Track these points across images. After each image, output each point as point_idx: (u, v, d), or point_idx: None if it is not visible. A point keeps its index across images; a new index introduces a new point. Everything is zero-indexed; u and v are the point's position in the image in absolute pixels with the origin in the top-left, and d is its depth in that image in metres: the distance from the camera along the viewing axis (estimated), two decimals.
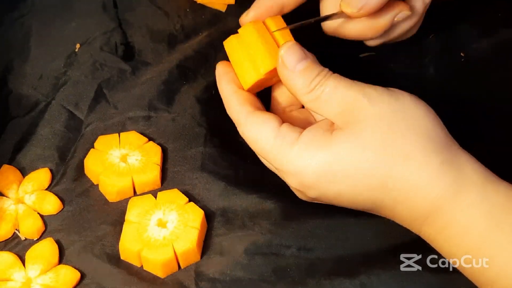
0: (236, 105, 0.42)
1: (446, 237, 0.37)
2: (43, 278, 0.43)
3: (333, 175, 0.38)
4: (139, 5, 0.59)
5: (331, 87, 0.39)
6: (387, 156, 0.37)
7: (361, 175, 0.38)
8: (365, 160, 0.37)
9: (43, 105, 0.53)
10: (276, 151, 0.39)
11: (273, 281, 0.43)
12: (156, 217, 0.45)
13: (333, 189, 0.39)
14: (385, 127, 0.38)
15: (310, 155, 0.38)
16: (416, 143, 0.37)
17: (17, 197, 0.47)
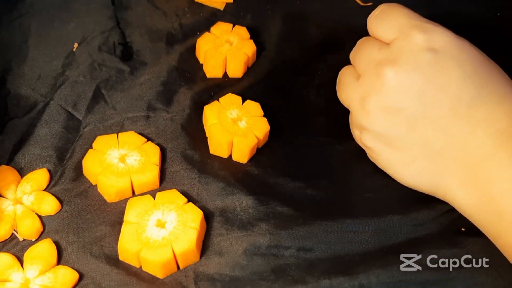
0: None
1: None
2: (42, 278, 0.43)
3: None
4: (137, 5, 0.59)
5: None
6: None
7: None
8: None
9: (41, 106, 0.52)
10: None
11: (272, 281, 0.43)
12: (155, 217, 0.45)
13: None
14: (475, 59, 0.42)
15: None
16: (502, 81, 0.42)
17: (15, 198, 0.47)
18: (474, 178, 0.40)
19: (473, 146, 0.40)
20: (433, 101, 0.40)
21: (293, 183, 0.48)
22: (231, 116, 0.50)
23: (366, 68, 0.43)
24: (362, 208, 0.46)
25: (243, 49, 0.55)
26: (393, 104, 0.41)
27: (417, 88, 0.40)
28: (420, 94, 0.40)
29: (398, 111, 0.41)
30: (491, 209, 0.39)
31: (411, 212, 0.46)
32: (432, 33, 0.41)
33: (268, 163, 0.49)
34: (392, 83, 0.40)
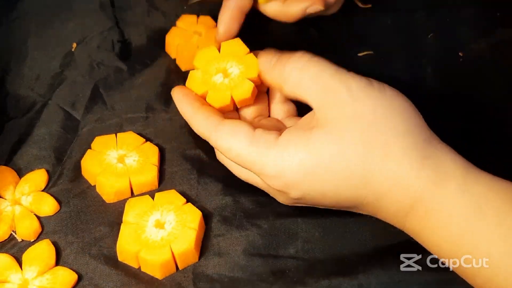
0: (202, 119, 0.43)
1: (429, 229, 0.38)
2: (40, 279, 0.43)
3: (316, 173, 0.38)
4: (136, 5, 0.59)
5: (315, 71, 0.41)
6: (367, 153, 0.38)
7: (344, 172, 0.38)
8: (346, 158, 0.38)
9: (39, 106, 0.52)
10: (254, 155, 0.40)
11: (271, 281, 0.43)
12: (154, 218, 0.45)
13: (317, 187, 0.39)
14: (365, 124, 0.38)
15: (291, 153, 0.39)
16: (395, 139, 0.38)
17: (14, 199, 0.47)
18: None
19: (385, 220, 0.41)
20: (323, 204, 0.42)
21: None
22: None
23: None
24: None
25: (213, 37, 0.55)
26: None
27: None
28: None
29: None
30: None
31: None
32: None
33: None
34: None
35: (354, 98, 0.39)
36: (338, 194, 0.39)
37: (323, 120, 0.39)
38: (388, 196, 0.38)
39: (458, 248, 0.37)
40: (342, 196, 0.39)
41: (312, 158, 0.38)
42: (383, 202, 0.39)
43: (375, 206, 0.39)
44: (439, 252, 0.39)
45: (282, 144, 0.39)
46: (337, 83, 0.39)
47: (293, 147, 0.39)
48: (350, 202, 0.40)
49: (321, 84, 0.40)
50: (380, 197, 0.38)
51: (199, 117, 0.43)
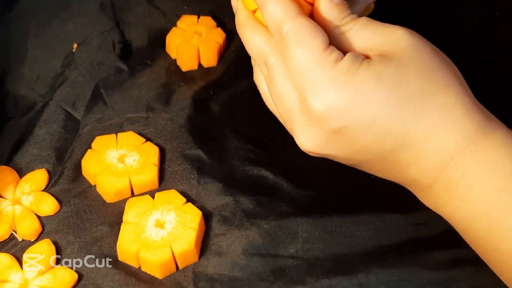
0: (283, 2, 0.38)
1: (468, 183, 0.36)
2: (41, 279, 0.43)
3: (372, 98, 0.35)
4: (136, 5, 0.59)
5: (364, 22, 0.38)
6: (426, 83, 0.36)
7: (400, 101, 0.36)
8: (405, 85, 0.36)
9: (40, 106, 0.52)
10: (319, 62, 0.36)
11: (271, 281, 0.43)
12: (154, 217, 0.45)
13: (368, 115, 0.36)
14: (426, 55, 0.37)
15: (351, 75, 0.36)
16: (452, 77, 0.37)
17: (14, 198, 0.47)
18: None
19: (410, 181, 0.38)
20: (354, 148, 0.38)
21: (292, 182, 0.48)
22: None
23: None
24: (361, 207, 0.46)
25: (213, 38, 0.55)
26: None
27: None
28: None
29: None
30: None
31: (411, 212, 0.46)
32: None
33: (267, 163, 0.49)
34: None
35: (411, 34, 0.37)
36: (389, 126, 0.36)
37: (383, 54, 0.37)
38: (437, 136, 0.36)
39: (494, 205, 0.35)
40: (392, 129, 0.36)
41: (372, 82, 0.36)
42: (429, 143, 0.36)
43: (418, 150, 0.36)
44: (469, 213, 0.36)
45: (346, 64, 0.36)
46: (389, 26, 0.38)
47: (355, 69, 0.36)
48: (396, 139, 0.36)
49: (372, 28, 0.38)
50: (428, 137, 0.36)
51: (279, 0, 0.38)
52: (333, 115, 0.36)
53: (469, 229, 0.37)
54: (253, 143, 0.50)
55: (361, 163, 0.38)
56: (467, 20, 0.58)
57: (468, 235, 0.37)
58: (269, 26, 0.39)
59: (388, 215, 0.46)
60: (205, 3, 0.60)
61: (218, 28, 0.57)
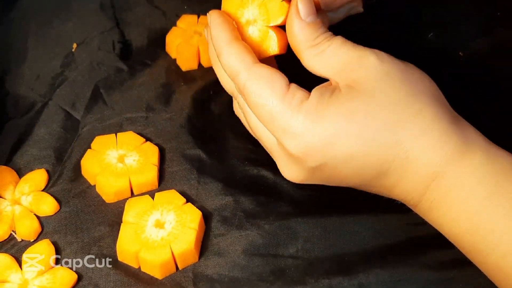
0: (238, 52, 0.38)
1: (449, 203, 0.36)
2: (40, 279, 0.43)
3: (345, 134, 0.36)
4: (136, 5, 0.59)
5: (337, 44, 0.38)
6: (399, 112, 0.36)
7: (375, 132, 0.36)
8: (378, 116, 0.36)
9: (39, 106, 0.52)
10: (284, 110, 0.37)
11: (271, 281, 0.43)
12: (154, 218, 0.45)
13: (344, 151, 0.36)
14: (397, 83, 0.37)
15: (321, 113, 0.36)
16: (426, 101, 0.37)
17: (14, 198, 0.47)
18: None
19: (398, 199, 0.39)
20: (338, 179, 0.39)
21: (292, 182, 0.48)
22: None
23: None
24: (361, 207, 0.46)
25: None
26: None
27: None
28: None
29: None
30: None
31: (411, 212, 0.46)
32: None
33: (267, 163, 0.49)
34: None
35: (382, 61, 0.37)
36: (366, 159, 0.36)
37: (349, 81, 0.37)
38: (416, 161, 0.36)
39: (476, 223, 0.35)
40: (370, 161, 0.36)
41: (344, 117, 0.36)
42: (409, 168, 0.36)
43: (399, 175, 0.37)
44: (453, 230, 0.37)
45: (312, 102, 0.37)
46: (362, 50, 0.38)
47: (323, 106, 0.36)
48: (375, 169, 0.37)
49: (344, 51, 0.38)
50: (408, 162, 0.36)
51: (234, 49, 0.38)
52: (309, 155, 0.37)
53: (457, 244, 0.38)
54: (253, 143, 0.50)
55: (350, 186, 0.39)
56: (467, 20, 0.58)
57: (460, 249, 0.38)
58: (228, 75, 0.39)
59: (388, 215, 0.46)
60: (205, 3, 0.59)
61: None
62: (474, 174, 0.36)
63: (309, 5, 0.39)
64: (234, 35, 0.39)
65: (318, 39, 0.38)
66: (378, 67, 0.37)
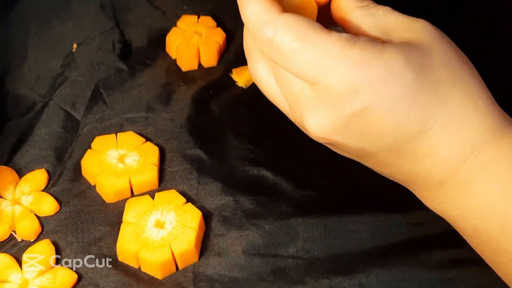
0: (261, 1, 0.34)
1: (484, 179, 0.34)
2: (40, 279, 0.43)
3: (400, 76, 0.33)
4: (136, 5, 0.59)
5: (387, 9, 0.37)
6: (452, 72, 0.35)
7: (427, 84, 0.34)
8: (432, 71, 0.34)
9: (40, 106, 0.52)
10: (332, 45, 0.33)
11: (271, 281, 0.43)
12: (154, 218, 0.45)
13: (392, 95, 0.33)
14: (450, 46, 0.36)
15: (379, 50, 0.33)
16: (474, 70, 0.36)
17: (14, 198, 0.47)
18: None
19: (421, 177, 0.36)
20: (372, 134, 0.35)
21: (292, 182, 0.48)
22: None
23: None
24: (361, 207, 0.46)
25: (213, 38, 0.55)
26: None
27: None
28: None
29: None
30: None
31: (411, 212, 0.46)
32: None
33: (267, 163, 0.49)
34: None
35: (434, 26, 0.36)
36: (412, 109, 0.34)
37: (407, 40, 0.36)
38: (460, 126, 0.34)
39: (509, 203, 0.34)
40: (416, 112, 0.34)
41: (400, 62, 0.33)
42: (451, 132, 0.34)
43: (439, 139, 0.34)
44: (481, 212, 0.35)
45: (368, 41, 0.34)
46: (413, 17, 0.37)
47: (380, 46, 0.34)
48: (418, 125, 0.34)
49: (395, 15, 0.37)
50: (451, 126, 0.34)
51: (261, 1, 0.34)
52: (357, 93, 0.33)
53: (480, 229, 0.35)
54: (253, 143, 0.50)
55: (371, 155, 0.36)
56: (467, 20, 0.58)
57: (477, 237, 0.36)
58: (250, 30, 0.35)
59: (388, 215, 0.46)
60: (205, 3, 0.60)
61: (218, 28, 0.57)
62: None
63: None
64: None
65: (366, 2, 0.37)
66: (431, 30, 0.36)
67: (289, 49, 0.34)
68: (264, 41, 0.34)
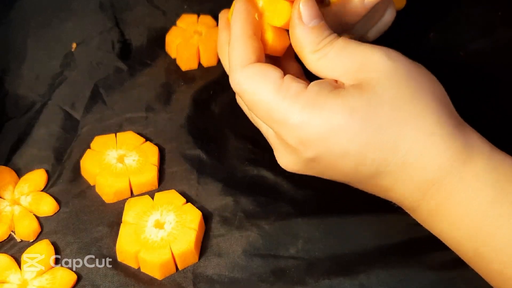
0: (240, 50, 0.38)
1: (449, 209, 0.35)
2: (40, 280, 0.43)
3: (344, 130, 0.35)
4: (136, 5, 0.59)
5: (341, 45, 0.37)
6: (402, 113, 0.35)
7: (374, 132, 0.35)
8: (379, 116, 0.35)
9: (39, 106, 0.52)
10: (279, 103, 0.36)
11: (271, 281, 0.43)
12: (154, 218, 0.44)
13: (340, 147, 0.36)
14: (402, 82, 0.36)
15: (320, 106, 0.36)
16: (431, 103, 0.36)
17: (13, 199, 0.47)
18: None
19: (395, 201, 0.38)
20: (333, 173, 0.38)
21: (292, 182, 0.48)
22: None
23: None
24: (361, 207, 0.46)
25: (213, 37, 0.55)
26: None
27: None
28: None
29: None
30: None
31: None
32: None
33: (267, 163, 0.49)
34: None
35: (389, 57, 0.36)
36: (362, 157, 0.36)
37: (354, 80, 0.36)
38: (415, 164, 0.35)
39: (479, 228, 0.35)
40: (366, 160, 0.36)
41: (343, 112, 0.35)
42: (406, 171, 0.36)
43: (396, 177, 0.36)
44: (454, 235, 0.36)
45: (311, 93, 0.36)
46: (368, 48, 0.37)
47: (322, 99, 0.36)
48: (371, 169, 0.36)
49: (349, 51, 0.37)
50: (405, 165, 0.35)
51: (238, 45, 0.38)
52: (305, 146, 0.36)
53: (458, 251, 0.37)
54: (253, 143, 0.50)
55: (346, 183, 0.39)
56: (467, 20, 0.58)
57: (460, 256, 0.37)
58: (226, 70, 0.40)
59: (388, 215, 0.46)
60: (205, 3, 0.59)
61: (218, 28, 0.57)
62: (477, 179, 0.35)
63: (312, 8, 0.38)
64: (247, 30, 0.39)
65: (322, 43, 0.38)
66: (385, 64, 0.36)
67: (247, 101, 0.38)
68: (234, 87, 0.38)
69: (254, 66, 0.38)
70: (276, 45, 0.40)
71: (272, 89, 0.37)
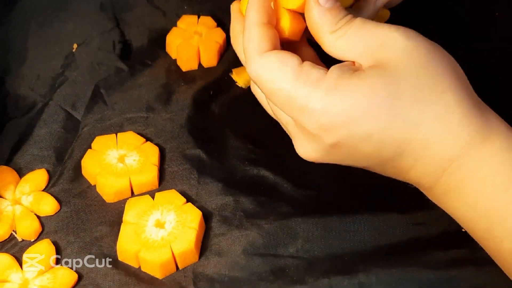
0: (256, 38, 0.37)
1: (466, 186, 0.36)
2: (41, 279, 0.43)
3: (367, 112, 0.35)
4: (136, 5, 0.59)
5: (359, 25, 0.37)
6: (423, 92, 0.35)
7: (396, 113, 0.35)
8: (401, 96, 0.35)
9: (40, 106, 0.52)
10: (299, 89, 0.36)
11: (271, 280, 0.43)
12: (154, 217, 0.45)
13: (363, 129, 0.35)
14: (422, 62, 0.36)
15: (342, 90, 0.35)
16: (451, 82, 0.36)
17: (14, 198, 0.47)
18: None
19: (413, 182, 0.38)
20: (354, 158, 0.38)
21: (292, 182, 0.48)
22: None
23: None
24: (361, 207, 0.46)
25: (213, 37, 0.55)
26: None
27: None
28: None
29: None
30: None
31: (411, 211, 0.46)
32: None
33: (267, 163, 0.49)
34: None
35: (407, 37, 0.36)
36: (384, 139, 0.35)
37: (373, 61, 0.36)
38: (436, 143, 0.35)
39: (493, 208, 0.35)
40: (388, 141, 0.35)
41: (365, 96, 0.35)
42: (428, 150, 0.36)
43: (416, 156, 0.36)
44: (468, 214, 0.36)
45: (332, 78, 0.36)
46: (386, 28, 0.36)
47: (345, 82, 0.35)
48: (393, 150, 0.36)
49: (367, 31, 0.37)
50: (427, 143, 0.35)
51: (254, 34, 0.37)
52: (327, 132, 0.36)
53: (470, 230, 0.37)
54: (253, 143, 0.50)
55: (364, 167, 0.38)
56: (467, 20, 0.58)
57: (472, 234, 0.37)
58: (241, 60, 0.39)
59: (388, 215, 0.46)
60: (205, 3, 0.60)
61: (218, 28, 0.57)
62: (494, 159, 0.35)
63: None
64: (262, 17, 0.38)
65: (339, 24, 0.37)
66: (403, 44, 0.36)
67: (266, 90, 0.37)
68: (252, 77, 0.38)
69: (271, 54, 0.37)
70: (294, 28, 0.39)
71: (291, 76, 0.36)
